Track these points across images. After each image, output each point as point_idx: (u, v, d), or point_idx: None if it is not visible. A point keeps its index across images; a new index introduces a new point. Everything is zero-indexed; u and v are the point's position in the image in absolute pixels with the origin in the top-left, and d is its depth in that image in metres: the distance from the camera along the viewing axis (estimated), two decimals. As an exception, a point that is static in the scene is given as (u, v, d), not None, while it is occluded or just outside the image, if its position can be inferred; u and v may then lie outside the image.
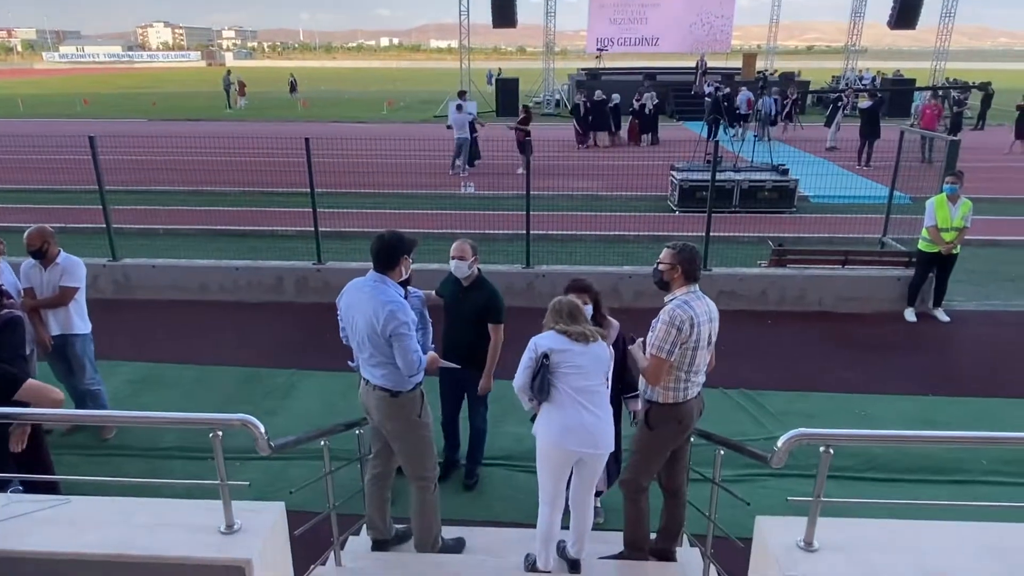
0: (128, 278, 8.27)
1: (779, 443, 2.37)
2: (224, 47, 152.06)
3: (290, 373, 6.42)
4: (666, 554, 3.72)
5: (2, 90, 45.59)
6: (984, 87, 23.55)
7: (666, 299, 3.38)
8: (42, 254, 5.02)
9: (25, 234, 5.08)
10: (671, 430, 3.46)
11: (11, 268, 5.12)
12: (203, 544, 2.37)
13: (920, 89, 24.74)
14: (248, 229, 11.17)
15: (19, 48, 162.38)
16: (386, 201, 12.93)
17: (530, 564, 3.43)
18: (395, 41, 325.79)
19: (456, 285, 4.56)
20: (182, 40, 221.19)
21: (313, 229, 8.12)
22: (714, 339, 3.44)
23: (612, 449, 3.31)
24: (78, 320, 5.16)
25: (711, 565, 3.33)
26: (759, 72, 29.18)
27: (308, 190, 8.01)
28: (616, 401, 3.72)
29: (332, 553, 3.42)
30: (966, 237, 7.53)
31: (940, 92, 23.83)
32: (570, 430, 3.17)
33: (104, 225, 8.27)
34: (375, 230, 3.63)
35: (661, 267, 3.39)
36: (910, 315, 7.77)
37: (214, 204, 12.71)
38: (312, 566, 3.26)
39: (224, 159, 13.58)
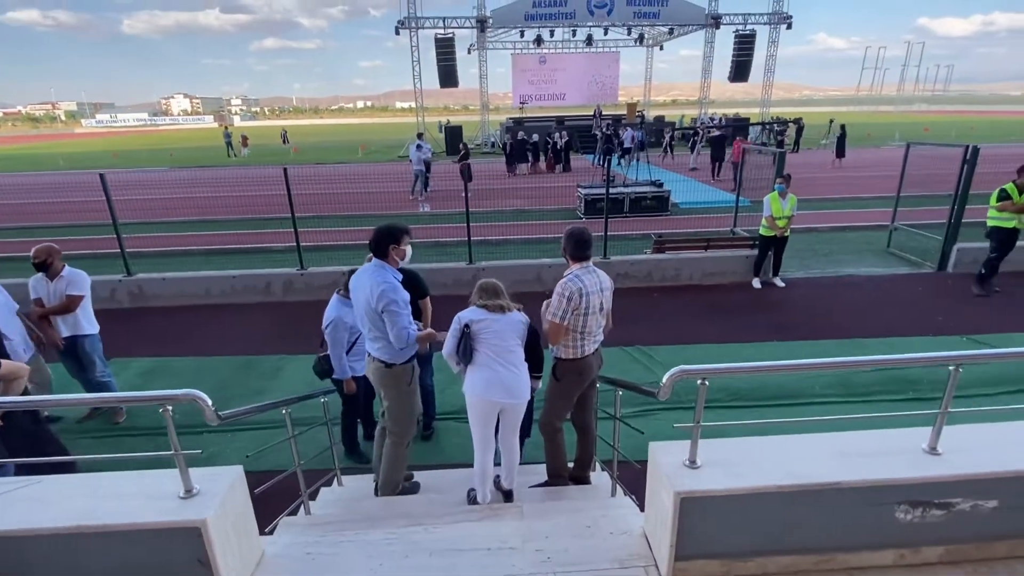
0: (142, 290, 7.49)
1: (664, 379, 2.10)
2: (232, 111, 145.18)
3: (278, 358, 5.86)
4: (582, 479, 3.46)
5: (46, 150, 42.11)
6: (797, 122, 24.40)
7: (564, 274, 3.14)
8: (46, 267, 4.36)
9: (32, 250, 4.43)
10: (573, 380, 3.21)
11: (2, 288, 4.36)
12: (160, 509, 1.91)
13: (753, 125, 25.44)
14: (245, 247, 10.39)
15: (62, 117, 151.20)
16: (360, 220, 12.27)
17: (471, 499, 3.09)
18: (368, 104, 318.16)
19: None
20: (199, 107, 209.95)
21: (295, 243, 7.54)
22: (607, 306, 3.17)
23: (528, 398, 3.00)
24: (85, 323, 4.52)
25: (616, 485, 3.06)
26: (638, 112, 29.65)
27: (296, 213, 7.44)
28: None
29: (302, 504, 2.99)
30: (793, 225, 7.58)
31: (766, 126, 24.57)
32: (491, 384, 2.86)
33: (119, 249, 7.48)
34: (349, 243, 3.23)
35: (562, 248, 3.22)
36: (756, 283, 7.77)
37: (217, 229, 11.85)
38: (279, 516, 2.82)
39: (226, 194, 12.71)
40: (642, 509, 2.76)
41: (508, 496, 3.10)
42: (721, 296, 7.51)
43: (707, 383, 2.05)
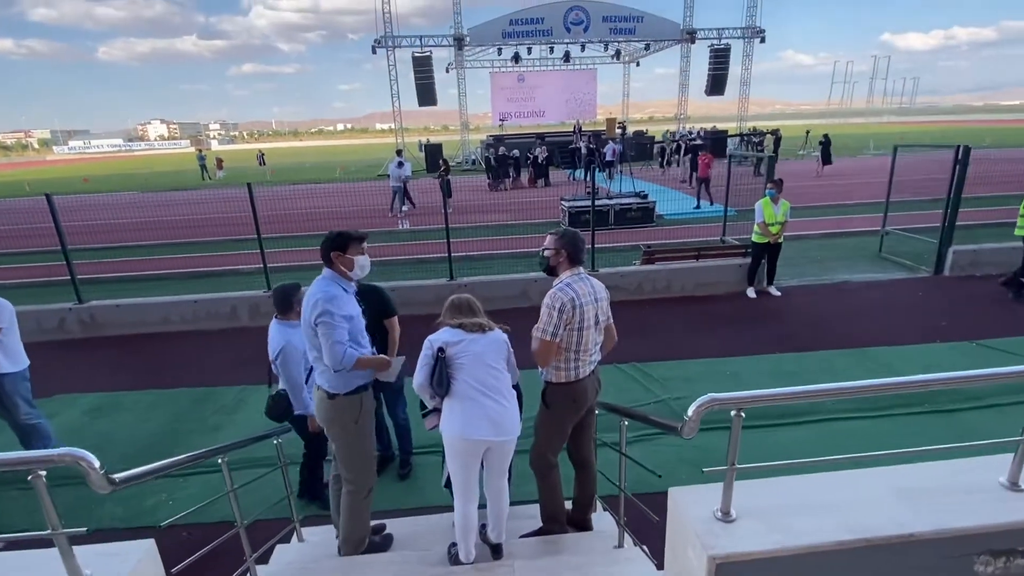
0: (94, 318, 6.89)
1: (690, 412, 1.67)
2: (211, 136, 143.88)
3: (239, 389, 5.32)
4: (583, 524, 2.97)
5: (13, 178, 40.82)
6: (775, 133, 24.59)
7: (554, 284, 2.69)
8: (-37, 299, 3.81)
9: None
10: (567, 408, 2.74)
11: None
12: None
13: (732, 136, 25.61)
14: (211, 270, 9.80)
15: (35, 145, 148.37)
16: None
17: (453, 557, 2.59)
18: (348, 126, 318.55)
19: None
20: (176, 132, 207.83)
21: (261, 264, 7.05)
22: (603, 319, 2.72)
23: (517, 433, 2.53)
24: (3, 360, 3.95)
25: (624, 533, 2.61)
26: (620, 124, 29.78)
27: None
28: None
29: (249, 570, 2.48)
30: (783, 232, 7.30)
31: (744, 137, 24.73)
32: (474, 419, 2.40)
33: (68, 276, 6.89)
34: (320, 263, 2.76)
35: (547, 253, 2.73)
36: (751, 293, 7.45)
37: (183, 252, 11.26)
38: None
39: (194, 216, 12.13)
40: (657, 563, 2.33)
41: (497, 551, 2.62)
42: (716, 307, 7.17)
43: (743, 414, 1.64)
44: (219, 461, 2.30)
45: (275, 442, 2.82)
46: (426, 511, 3.51)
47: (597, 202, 9.74)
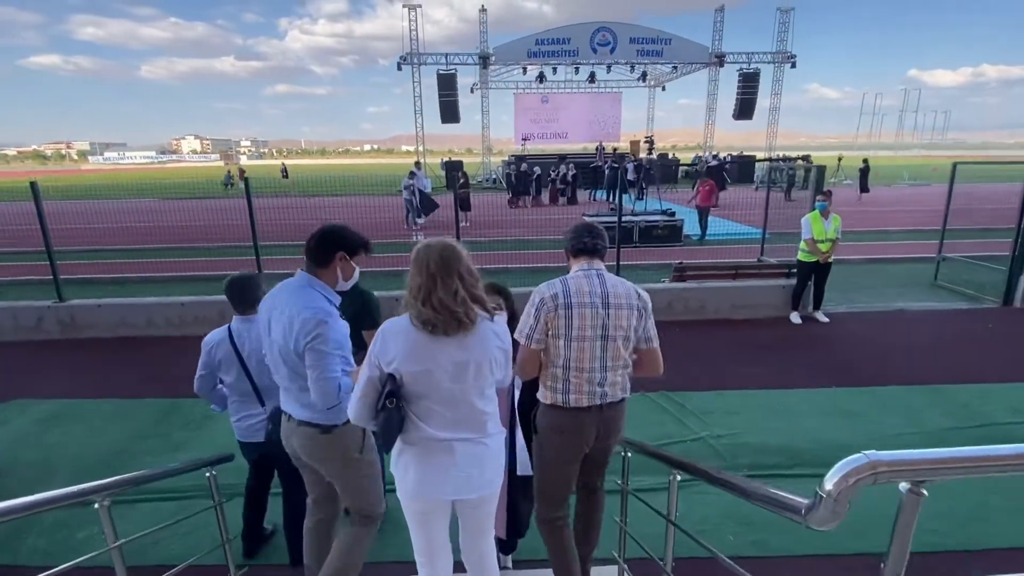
0: (74, 318, 6.37)
1: (829, 484, 0.92)
2: (241, 151, 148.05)
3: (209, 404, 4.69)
4: (583, 565, 2.27)
5: (46, 183, 41.90)
6: (806, 159, 23.81)
7: None
8: None
9: None
10: (555, 439, 2.05)
11: None
12: None
13: (759, 161, 24.88)
14: (206, 275, 9.31)
15: (74, 155, 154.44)
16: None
17: None
18: (375, 147, 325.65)
19: None
20: (208, 147, 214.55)
21: (256, 271, 6.51)
22: (617, 334, 2.01)
23: (498, 482, 1.83)
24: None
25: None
26: (647, 139, 29.19)
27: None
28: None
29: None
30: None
31: (774, 162, 23.96)
32: (431, 473, 1.70)
33: (54, 273, 6.41)
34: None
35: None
36: (795, 318, 6.64)
37: (182, 256, 10.86)
38: None
39: (202, 223, 11.77)
40: None
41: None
42: (756, 332, 6.37)
43: (925, 491, 0.92)
44: (97, 506, 1.63)
45: (207, 474, 2.15)
46: (398, 567, 2.78)
47: (623, 218, 9.15)
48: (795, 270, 6.70)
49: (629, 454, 2.27)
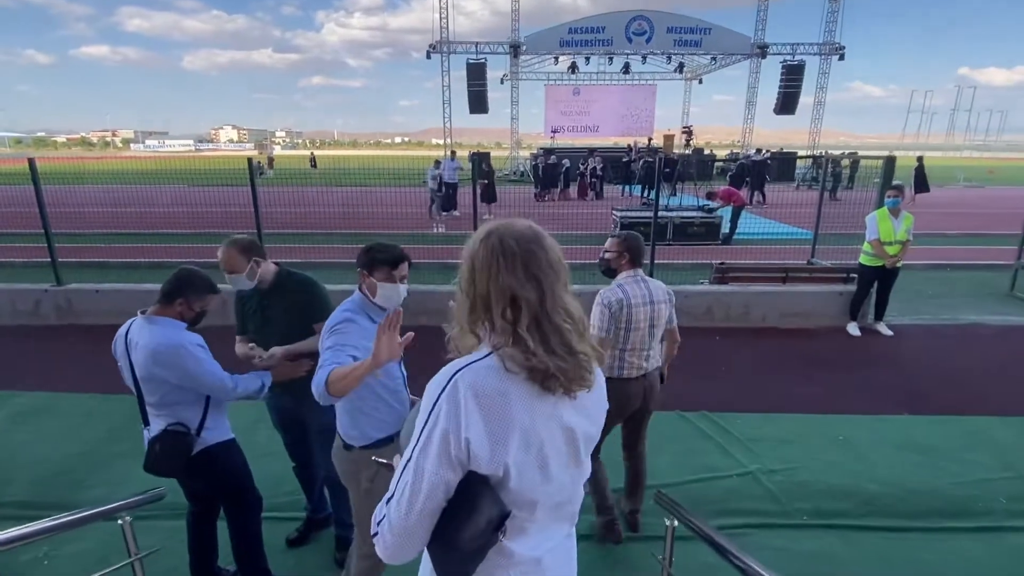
0: (71, 304, 6.08)
1: None
2: (275, 141, 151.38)
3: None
4: (633, 520, 2.91)
5: (88, 168, 43.19)
6: (852, 156, 22.48)
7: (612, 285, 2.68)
8: None
9: None
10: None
11: None
12: None
13: (802, 158, 23.62)
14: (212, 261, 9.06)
15: (118, 143, 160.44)
16: (372, 237, 10.98)
17: None
18: (406, 139, 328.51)
19: (252, 298, 2.57)
20: (245, 137, 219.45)
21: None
22: (659, 323, 2.72)
23: None
24: None
25: None
26: (685, 128, 28.23)
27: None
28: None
29: None
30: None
31: (818, 159, 22.70)
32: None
33: (54, 254, 6.13)
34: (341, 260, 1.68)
35: (608, 255, 2.76)
36: (853, 329, 5.88)
37: (191, 243, 10.64)
38: None
39: (227, 211, 11.57)
40: None
41: None
42: (808, 344, 5.65)
43: None
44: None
45: (120, 522, 1.64)
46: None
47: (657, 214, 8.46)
48: (854, 275, 5.94)
49: (675, 523, 1.68)
